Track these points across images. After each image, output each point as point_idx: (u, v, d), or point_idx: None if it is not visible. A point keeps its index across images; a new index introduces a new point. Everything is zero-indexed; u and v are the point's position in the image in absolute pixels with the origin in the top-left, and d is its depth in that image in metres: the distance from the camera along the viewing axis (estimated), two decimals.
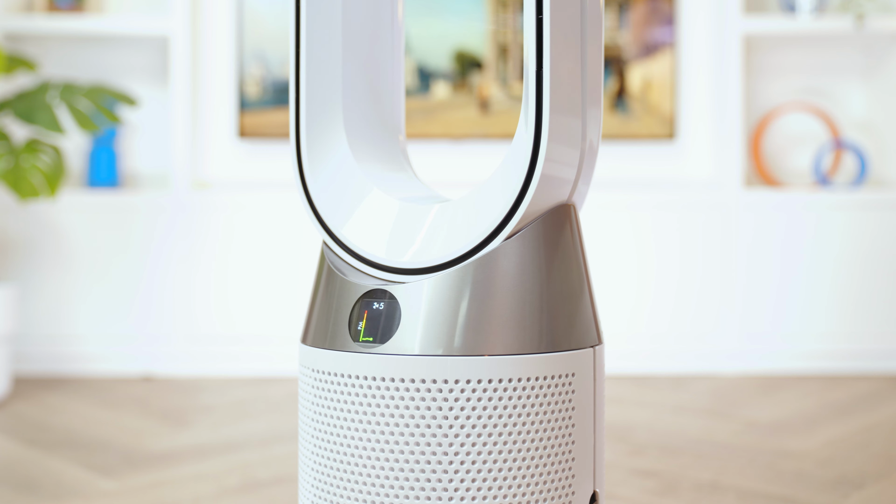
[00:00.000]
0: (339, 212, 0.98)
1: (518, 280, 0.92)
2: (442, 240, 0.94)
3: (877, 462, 1.87)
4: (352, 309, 0.93)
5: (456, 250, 0.92)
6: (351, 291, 0.94)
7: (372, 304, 0.92)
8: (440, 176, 3.13)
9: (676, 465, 1.84)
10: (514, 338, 0.91)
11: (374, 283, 0.93)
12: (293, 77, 1.00)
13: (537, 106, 0.90)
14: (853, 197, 2.97)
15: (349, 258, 0.96)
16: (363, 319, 0.92)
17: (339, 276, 0.95)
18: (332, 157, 1.00)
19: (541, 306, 0.93)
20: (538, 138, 0.90)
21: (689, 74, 3.18)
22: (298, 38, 1.00)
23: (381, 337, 0.91)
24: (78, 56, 3.12)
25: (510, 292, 0.92)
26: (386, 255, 0.94)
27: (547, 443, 0.92)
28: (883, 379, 2.82)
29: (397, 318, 0.91)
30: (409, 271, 0.93)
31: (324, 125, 1.00)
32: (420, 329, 0.90)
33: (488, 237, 0.92)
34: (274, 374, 2.87)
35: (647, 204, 2.97)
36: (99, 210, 2.91)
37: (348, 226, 0.97)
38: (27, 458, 1.92)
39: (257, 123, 3.08)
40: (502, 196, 0.92)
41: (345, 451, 0.92)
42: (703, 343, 2.95)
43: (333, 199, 0.99)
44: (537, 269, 0.93)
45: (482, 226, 0.92)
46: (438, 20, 3.10)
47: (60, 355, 2.88)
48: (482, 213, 0.93)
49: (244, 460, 1.89)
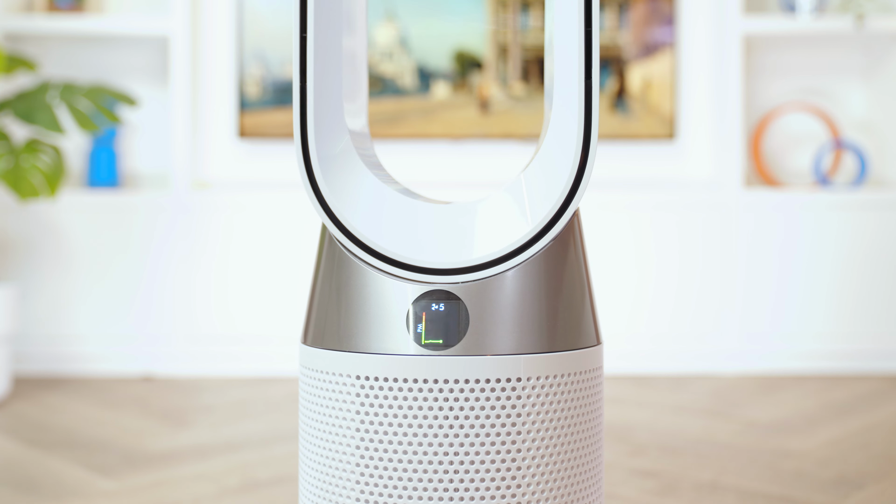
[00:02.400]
0: (363, 217, 0.96)
1: (551, 280, 0.95)
2: (488, 239, 0.95)
3: (877, 462, 1.87)
4: (408, 312, 0.92)
5: (507, 246, 0.93)
6: (402, 294, 0.93)
7: (431, 306, 0.92)
8: (440, 176, 3.13)
9: (676, 465, 1.84)
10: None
11: (424, 285, 0.93)
12: (297, 88, 0.98)
13: (586, 108, 0.95)
14: (853, 197, 2.97)
15: (380, 263, 0.94)
16: (422, 322, 0.92)
17: (382, 279, 0.94)
18: (341, 159, 0.99)
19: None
20: (587, 140, 0.95)
21: (689, 74, 3.18)
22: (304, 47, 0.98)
23: (448, 339, 0.91)
24: (78, 56, 3.12)
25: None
26: (435, 257, 0.94)
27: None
28: (883, 379, 2.82)
29: (463, 319, 0.92)
30: (460, 270, 0.93)
31: (331, 128, 0.99)
32: (485, 330, 0.92)
33: (534, 238, 0.94)
34: (274, 374, 2.87)
35: (646, 204, 2.97)
36: (99, 210, 2.91)
37: (383, 234, 0.96)
38: (27, 458, 1.92)
39: (257, 123, 3.08)
40: (546, 200, 0.94)
41: (400, 458, 0.91)
42: (702, 343, 2.95)
43: (353, 205, 0.97)
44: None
45: (528, 227, 0.94)
46: (438, 20, 3.10)
47: (60, 355, 2.88)
48: (526, 215, 0.95)
49: (244, 460, 1.89)
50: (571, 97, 0.95)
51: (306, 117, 0.97)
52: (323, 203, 0.97)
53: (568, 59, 0.95)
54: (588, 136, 0.95)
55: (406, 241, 0.95)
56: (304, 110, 0.97)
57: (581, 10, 0.94)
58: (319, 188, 0.97)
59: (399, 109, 3.11)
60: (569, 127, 0.95)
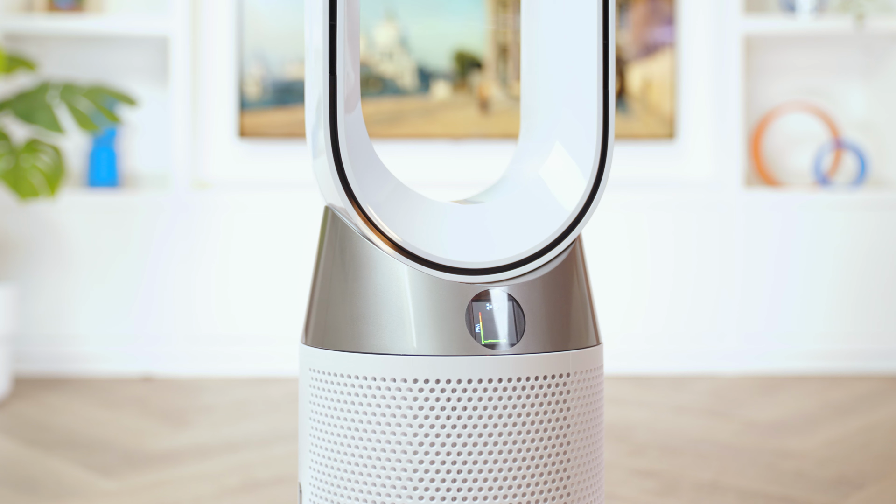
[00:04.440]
0: (407, 225, 0.95)
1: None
2: (521, 237, 0.96)
3: (877, 462, 1.87)
4: (467, 311, 0.92)
5: (545, 240, 0.96)
6: (453, 294, 0.93)
7: (486, 306, 0.92)
8: (440, 176, 3.13)
9: (676, 465, 1.84)
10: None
11: (477, 287, 0.93)
12: (327, 86, 0.93)
13: (604, 108, 0.98)
14: (853, 197, 2.97)
15: (422, 267, 0.93)
16: (479, 322, 0.92)
17: (434, 279, 0.93)
18: (370, 166, 0.97)
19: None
20: (606, 138, 0.98)
21: (689, 74, 3.18)
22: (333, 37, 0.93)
23: (509, 338, 0.92)
24: (78, 56, 3.12)
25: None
26: (477, 256, 0.94)
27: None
28: (883, 379, 2.82)
29: (521, 317, 0.93)
30: (497, 270, 0.94)
31: (355, 132, 0.96)
32: (544, 327, 0.93)
33: (562, 234, 0.97)
34: (274, 374, 2.87)
35: (647, 204, 2.97)
36: (99, 210, 2.91)
37: (431, 240, 0.95)
38: (27, 458, 1.92)
39: (257, 123, 3.08)
40: (569, 200, 0.97)
41: (454, 460, 0.90)
42: (702, 343, 2.95)
43: (393, 215, 0.95)
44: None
45: (554, 226, 0.96)
46: (438, 20, 3.10)
47: (60, 355, 2.88)
48: (550, 215, 0.97)
49: (244, 460, 1.89)
50: (590, 92, 0.97)
51: (336, 129, 0.93)
52: (367, 219, 0.94)
53: (588, 66, 0.98)
54: (606, 131, 0.98)
55: (445, 242, 0.94)
56: (334, 121, 0.92)
57: (599, 25, 0.98)
58: (358, 201, 0.94)
59: (399, 109, 3.11)
60: (588, 123, 0.98)
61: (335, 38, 0.92)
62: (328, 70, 0.92)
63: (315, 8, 0.94)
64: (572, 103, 0.99)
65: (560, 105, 1.00)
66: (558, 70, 0.99)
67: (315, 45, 0.94)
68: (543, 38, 1.02)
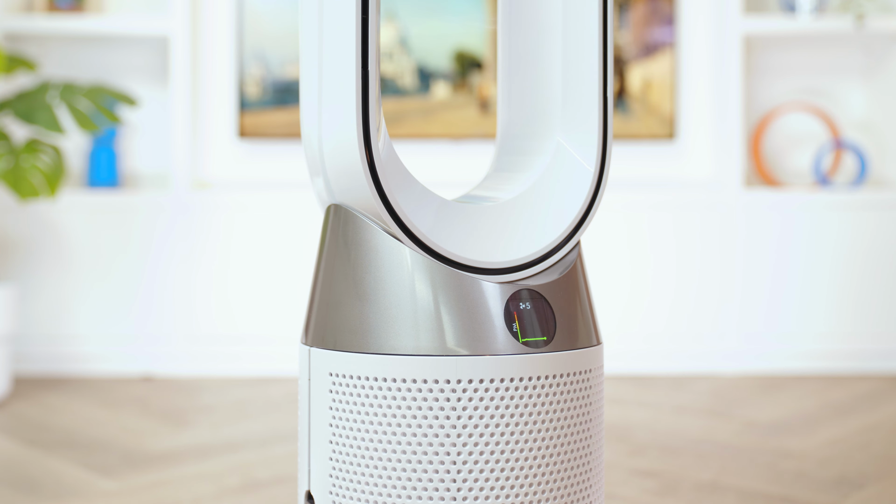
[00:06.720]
0: (440, 229, 0.94)
1: (580, 275, 1.01)
2: (535, 235, 0.97)
3: (877, 462, 1.87)
4: (504, 310, 0.93)
5: (554, 240, 0.97)
6: (488, 294, 0.93)
7: (520, 305, 0.93)
8: (440, 176, 3.13)
9: (676, 465, 1.84)
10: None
11: (510, 286, 0.94)
12: (359, 80, 0.90)
13: (604, 110, 1.00)
14: (853, 197, 2.97)
15: (454, 268, 0.93)
16: (516, 320, 0.93)
17: (467, 279, 0.92)
18: (395, 164, 0.95)
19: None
20: (606, 138, 1.00)
21: (689, 74, 3.18)
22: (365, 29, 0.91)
23: (545, 335, 0.94)
24: (78, 56, 3.12)
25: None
26: (502, 255, 0.94)
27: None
28: (883, 379, 2.82)
29: (551, 315, 0.94)
30: (522, 267, 0.95)
31: (379, 125, 0.95)
32: (571, 324, 0.95)
33: (571, 232, 0.98)
34: (274, 374, 2.87)
35: (646, 204, 2.97)
36: (99, 210, 2.91)
37: (459, 240, 0.94)
38: (27, 458, 1.92)
39: (257, 123, 3.08)
40: (573, 199, 0.98)
41: (486, 459, 0.90)
42: (702, 343, 2.95)
43: (423, 218, 0.94)
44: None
45: (565, 222, 0.98)
46: (438, 20, 3.10)
47: (60, 355, 2.88)
48: (560, 213, 0.98)
49: (244, 460, 1.89)
50: (592, 88, 0.99)
51: (369, 126, 0.90)
52: (402, 225, 0.92)
53: (591, 67, 0.99)
54: (606, 128, 1.00)
55: (472, 242, 0.94)
56: (366, 117, 0.90)
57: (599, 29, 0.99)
58: (394, 210, 0.92)
59: (399, 109, 3.11)
60: (589, 122, 0.99)
61: (367, 35, 0.90)
62: (360, 63, 0.90)
63: (340, 7, 0.91)
64: (578, 95, 1.00)
65: (558, 99, 1.01)
66: (554, 67, 1.01)
67: (345, 42, 0.91)
68: (542, 37, 1.02)
